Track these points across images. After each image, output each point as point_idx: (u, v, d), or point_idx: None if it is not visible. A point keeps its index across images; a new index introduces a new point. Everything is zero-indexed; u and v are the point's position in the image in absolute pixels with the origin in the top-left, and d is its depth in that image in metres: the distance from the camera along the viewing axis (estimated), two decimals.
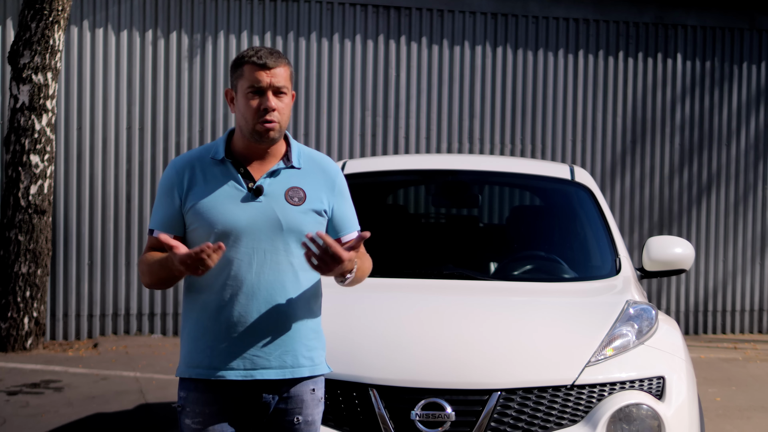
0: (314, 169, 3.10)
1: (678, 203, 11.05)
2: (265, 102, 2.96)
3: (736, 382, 8.22)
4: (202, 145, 3.18)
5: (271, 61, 2.98)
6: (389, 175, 5.77)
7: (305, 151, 3.14)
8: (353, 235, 3.13)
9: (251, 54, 3.00)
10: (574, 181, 5.38)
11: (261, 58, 2.98)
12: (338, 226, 3.11)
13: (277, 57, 3.00)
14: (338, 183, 3.13)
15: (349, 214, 3.15)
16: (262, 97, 2.97)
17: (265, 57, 2.98)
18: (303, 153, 3.12)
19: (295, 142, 3.13)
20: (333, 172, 3.13)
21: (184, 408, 3.03)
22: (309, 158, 3.12)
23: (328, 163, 3.15)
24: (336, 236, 3.11)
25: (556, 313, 4.28)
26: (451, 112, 10.38)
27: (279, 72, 2.99)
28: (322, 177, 3.09)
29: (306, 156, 3.12)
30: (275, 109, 2.97)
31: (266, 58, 2.98)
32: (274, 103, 2.97)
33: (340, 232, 3.11)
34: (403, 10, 10.21)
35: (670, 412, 3.77)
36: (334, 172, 3.13)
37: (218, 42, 9.70)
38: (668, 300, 11.06)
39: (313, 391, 3.07)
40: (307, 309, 3.04)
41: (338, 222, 3.11)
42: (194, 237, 3.02)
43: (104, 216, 9.44)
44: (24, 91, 8.43)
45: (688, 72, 11.04)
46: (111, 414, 6.53)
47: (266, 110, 2.96)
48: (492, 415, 3.64)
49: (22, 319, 8.55)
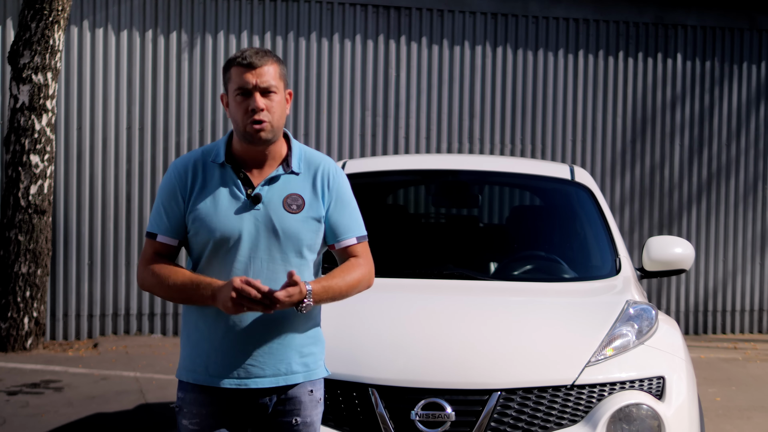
0: (313, 172, 3.05)
1: (678, 203, 11.05)
2: (252, 103, 2.93)
3: (736, 382, 8.22)
4: (202, 146, 3.15)
5: (256, 60, 2.94)
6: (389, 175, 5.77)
7: (306, 153, 3.09)
8: (349, 241, 3.06)
9: (238, 55, 2.97)
10: (574, 181, 5.38)
11: (246, 58, 2.94)
12: (335, 231, 3.05)
13: (263, 55, 2.95)
14: (335, 186, 3.06)
15: (346, 218, 3.07)
16: (250, 98, 2.94)
17: (250, 57, 2.94)
18: (304, 156, 3.07)
19: (296, 145, 3.09)
20: (332, 174, 3.07)
21: (182, 409, 3.04)
22: (309, 161, 3.07)
23: (327, 165, 3.08)
24: (333, 241, 3.06)
25: (556, 313, 4.28)
26: (451, 112, 10.38)
27: (266, 71, 2.95)
28: (320, 180, 3.04)
29: (306, 159, 3.07)
30: (263, 108, 2.93)
31: (251, 58, 2.94)
32: (262, 103, 2.93)
33: (337, 237, 3.05)
34: (403, 10, 10.21)
35: (670, 412, 3.77)
36: (333, 175, 3.07)
37: (218, 42, 9.70)
38: (668, 300, 11.06)
39: (311, 393, 3.06)
40: (303, 317, 3.02)
41: (334, 226, 3.05)
42: (194, 242, 3.01)
43: (104, 216, 9.43)
44: (24, 91, 8.43)
45: (688, 72, 11.04)
46: (111, 414, 6.53)
47: (254, 111, 2.93)
48: (492, 415, 3.64)
49: (22, 319, 8.55)
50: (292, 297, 2.84)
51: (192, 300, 2.94)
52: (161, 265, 2.99)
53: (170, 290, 2.96)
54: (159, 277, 2.98)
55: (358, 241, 3.09)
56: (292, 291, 2.83)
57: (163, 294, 3.00)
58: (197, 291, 2.91)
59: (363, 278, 3.06)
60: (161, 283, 2.97)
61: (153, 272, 2.99)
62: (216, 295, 2.87)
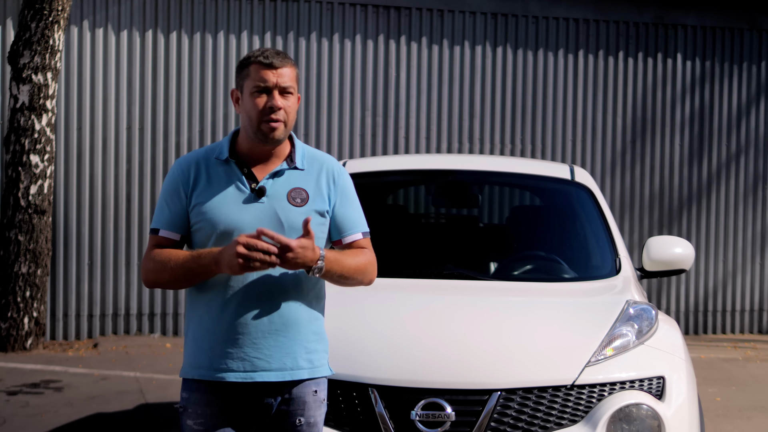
0: (317, 169, 3.09)
1: (678, 203, 11.05)
2: (271, 100, 2.97)
3: (736, 382, 8.22)
4: (205, 146, 3.18)
5: (277, 61, 2.99)
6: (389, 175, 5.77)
7: (309, 151, 3.13)
8: (355, 236, 3.10)
9: (258, 54, 3.01)
10: (574, 181, 5.38)
11: (267, 57, 2.99)
12: (341, 227, 3.09)
13: (283, 57, 3.01)
14: (340, 183, 3.11)
15: (351, 214, 3.11)
16: (269, 96, 2.98)
17: (271, 57, 2.99)
18: (307, 154, 3.11)
19: (299, 143, 3.13)
20: (336, 172, 3.11)
21: (186, 409, 3.03)
22: (313, 158, 3.11)
23: (331, 162, 3.13)
24: (338, 237, 3.10)
25: (556, 313, 4.28)
26: (451, 112, 10.38)
27: (285, 72, 3.00)
28: (324, 177, 3.08)
29: (310, 156, 3.11)
30: (281, 107, 2.98)
31: (272, 58, 2.99)
32: (281, 102, 2.98)
33: (343, 233, 3.10)
34: (403, 10, 10.21)
35: (670, 412, 3.77)
36: (338, 172, 3.12)
37: (218, 42, 9.70)
38: (668, 300, 11.06)
39: (315, 393, 3.07)
40: (308, 311, 3.03)
41: (340, 222, 3.09)
42: (197, 237, 3.03)
43: (104, 216, 9.43)
44: (24, 91, 8.43)
45: (688, 72, 11.04)
46: (111, 414, 6.53)
47: (272, 109, 2.97)
48: (492, 415, 3.64)
49: (22, 319, 8.55)
50: (304, 249, 2.85)
51: (196, 275, 2.93)
52: (160, 250, 3.00)
53: (173, 272, 2.95)
54: (160, 263, 2.98)
55: (364, 236, 3.14)
56: (306, 243, 2.85)
57: (167, 277, 2.97)
58: (199, 262, 2.90)
59: (369, 266, 3.10)
60: (163, 268, 2.97)
61: (153, 259, 3.00)
62: (219, 258, 2.86)
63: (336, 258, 2.98)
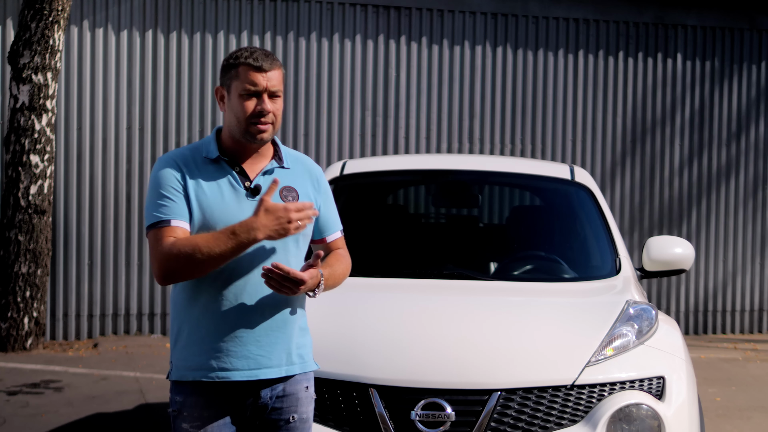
0: (301, 169, 3.14)
1: (678, 203, 11.05)
2: (261, 104, 2.96)
3: (736, 382, 8.22)
4: (186, 145, 3.14)
5: (267, 64, 2.98)
6: (389, 175, 5.77)
7: (290, 152, 3.18)
8: (336, 235, 3.21)
9: (246, 55, 2.98)
10: (574, 181, 5.38)
11: (257, 60, 2.97)
12: (323, 226, 3.18)
13: (272, 60, 3.00)
14: (323, 183, 3.20)
15: (332, 214, 3.22)
16: (258, 99, 2.97)
17: (261, 59, 2.97)
18: (289, 154, 3.16)
19: (279, 142, 3.16)
20: (317, 172, 3.20)
21: (181, 412, 2.99)
22: (295, 159, 3.16)
23: (312, 164, 3.21)
24: (320, 236, 3.18)
25: (556, 313, 4.28)
26: (451, 112, 10.38)
27: (274, 75, 2.99)
28: (308, 177, 3.14)
29: (292, 157, 3.16)
30: (270, 111, 2.98)
31: (262, 61, 2.97)
32: (270, 106, 2.98)
33: (324, 232, 3.18)
34: (403, 10, 10.21)
35: (670, 412, 3.77)
36: (319, 173, 3.20)
37: (218, 42, 9.70)
38: (668, 300, 11.06)
39: (306, 389, 3.11)
40: (299, 307, 3.08)
41: (323, 222, 3.18)
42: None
43: (104, 216, 9.44)
44: (24, 91, 8.43)
45: (689, 72, 11.04)
46: (111, 414, 6.53)
47: (262, 113, 2.96)
48: (492, 415, 3.64)
49: (22, 319, 8.55)
50: (313, 279, 2.94)
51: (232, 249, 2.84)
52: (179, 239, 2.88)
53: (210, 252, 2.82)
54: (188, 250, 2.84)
55: (341, 233, 3.26)
56: (314, 273, 2.94)
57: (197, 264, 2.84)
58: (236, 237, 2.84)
59: (349, 268, 3.23)
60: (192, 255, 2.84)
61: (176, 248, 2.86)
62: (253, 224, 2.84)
63: (330, 274, 3.07)
